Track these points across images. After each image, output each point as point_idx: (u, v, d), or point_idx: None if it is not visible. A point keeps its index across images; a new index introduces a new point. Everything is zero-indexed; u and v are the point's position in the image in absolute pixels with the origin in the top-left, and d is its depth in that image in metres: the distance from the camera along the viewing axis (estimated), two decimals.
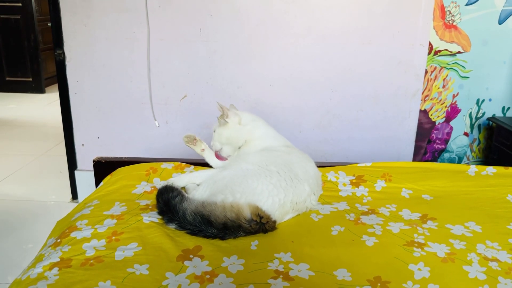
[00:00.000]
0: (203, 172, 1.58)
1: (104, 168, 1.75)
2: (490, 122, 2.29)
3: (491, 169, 1.66)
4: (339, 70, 2.18)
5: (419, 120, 2.27)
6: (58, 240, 1.20)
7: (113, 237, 1.19)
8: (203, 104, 2.26)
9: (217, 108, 1.54)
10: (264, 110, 2.20)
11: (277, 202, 1.26)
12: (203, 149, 1.63)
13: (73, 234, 1.21)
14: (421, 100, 2.24)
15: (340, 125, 2.27)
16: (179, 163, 1.73)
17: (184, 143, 1.63)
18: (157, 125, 2.29)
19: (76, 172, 2.40)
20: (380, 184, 1.61)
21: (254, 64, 2.19)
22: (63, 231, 1.27)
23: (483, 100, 2.24)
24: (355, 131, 2.27)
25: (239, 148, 1.56)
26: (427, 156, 2.35)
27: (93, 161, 1.79)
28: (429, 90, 2.24)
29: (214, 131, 1.56)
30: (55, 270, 1.05)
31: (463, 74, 2.20)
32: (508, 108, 2.26)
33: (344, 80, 2.20)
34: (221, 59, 2.19)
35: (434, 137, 2.32)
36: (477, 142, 2.32)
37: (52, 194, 2.49)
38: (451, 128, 2.29)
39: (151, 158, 1.89)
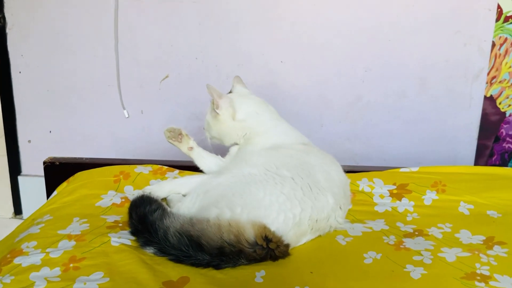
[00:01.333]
0: (191, 179, 1.59)
1: (58, 172, 1.76)
2: None
3: None
4: (374, 41, 2.19)
5: (483, 110, 2.27)
6: None
7: (71, 265, 1.20)
8: (191, 88, 2.26)
9: (207, 92, 1.56)
10: (273, 95, 2.17)
11: (291, 219, 1.27)
12: (191, 148, 1.63)
13: (17, 260, 1.22)
14: (487, 83, 2.24)
15: (376, 116, 2.27)
16: (159, 166, 1.74)
17: (166, 139, 1.64)
18: (127, 116, 2.31)
19: (20, 178, 2.42)
20: (430, 196, 1.61)
21: (260, 33, 2.20)
22: (3, 256, 1.28)
23: None
24: (395, 124, 2.28)
25: (237, 144, 1.59)
26: (494, 159, 2.35)
27: (44, 162, 1.79)
28: (497, 70, 2.24)
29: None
30: None
31: None
32: None
33: (382, 55, 2.20)
34: (215, 27, 2.19)
35: (504, 134, 2.32)
36: None
37: None
38: None
39: (122, 159, 1.91)
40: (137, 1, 2.18)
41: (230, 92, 1.68)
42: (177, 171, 1.73)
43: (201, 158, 1.63)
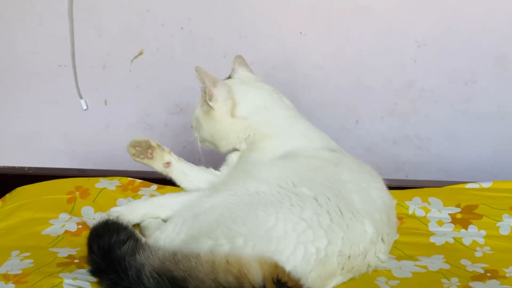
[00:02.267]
0: (175, 198, 1.61)
1: None
2: None
3: None
4: (432, 4, 2.20)
5: None
6: None
7: None
8: (174, 69, 2.29)
9: (196, 77, 1.57)
10: (288, 81, 2.22)
11: (314, 255, 1.27)
12: (168, 163, 1.67)
13: None
14: None
15: (433, 110, 2.29)
16: (130, 179, 1.77)
17: (131, 157, 1.66)
18: (85, 107, 2.34)
19: None
20: (508, 223, 1.62)
21: None
22: None
23: None
24: (462, 121, 2.30)
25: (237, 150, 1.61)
26: None
27: None
28: None
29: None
30: None
31: None
32: None
33: (443, 23, 2.21)
34: None
35: None
36: None
37: None
38: None
39: (78, 169, 1.97)
40: None
41: (229, 77, 1.70)
42: (155, 186, 1.76)
43: (183, 176, 1.66)
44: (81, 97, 2.34)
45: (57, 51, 2.31)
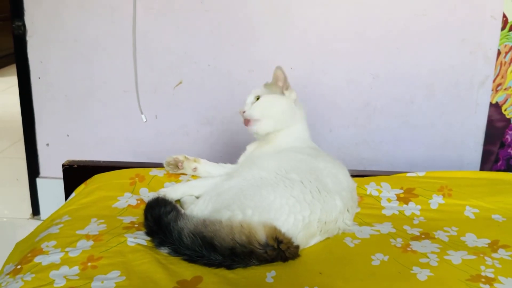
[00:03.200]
0: (203, 181, 1.61)
1: (76, 175, 1.78)
2: None
3: None
4: (383, 48, 2.20)
5: (489, 116, 2.26)
6: (19, 267, 1.23)
7: (89, 264, 1.21)
8: (203, 93, 2.29)
9: (275, 72, 1.63)
10: None
11: (301, 221, 1.28)
12: (195, 168, 1.70)
13: (37, 259, 1.23)
14: (492, 90, 2.24)
15: (384, 122, 2.28)
16: None
17: (168, 171, 1.71)
18: (145, 120, 2.34)
19: (38, 180, 2.45)
20: (436, 200, 1.62)
21: (272, 41, 2.22)
22: (24, 255, 1.30)
23: None
24: (403, 130, 2.29)
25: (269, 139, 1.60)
26: (499, 164, 2.34)
27: (63, 165, 1.82)
28: (502, 77, 2.23)
29: (256, 97, 1.60)
30: None
31: None
32: None
33: (390, 62, 2.21)
34: (227, 35, 2.22)
35: (509, 140, 2.31)
36: None
37: (5, 208, 2.54)
38: None
39: (137, 162, 1.93)
40: (152, 10, 2.21)
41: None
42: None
43: (207, 174, 1.68)
44: (142, 113, 2.33)
45: (124, 80, 2.31)
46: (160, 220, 1.27)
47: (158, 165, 1.79)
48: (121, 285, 1.14)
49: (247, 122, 1.59)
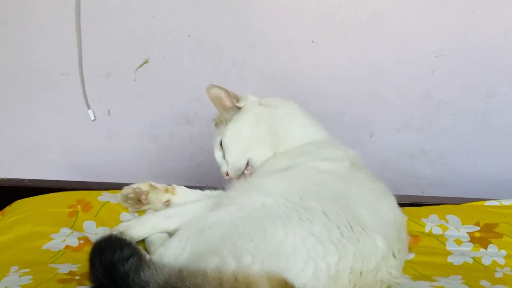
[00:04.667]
0: (180, 209, 1.62)
1: None
2: None
3: None
4: (450, 13, 2.20)
5: None
6: None
7: None
8: (180, 78, 2.31)
9: (210, 96, 1.66)
10: (298, 91, 2.23)
11: (325, 271, 1.25)
12: (168, 202, 1.71)
13: None
14: None
15: (451, 122, 2.29)
16: None
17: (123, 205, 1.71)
18: (93, 118, 2.36)
19: None
20: None
21: (281, 2, 2.23)
22: None
23: None
24: (480, 135, 2.30)
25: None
26: None
27: None
28: None
29: (221, 139, 1.65)
30: None
31: None
32: None
33: (461, 33, 2.21)
34: None
35: None
36: None
37: None
38: None
39: (80, 182, 1.96)
40: None
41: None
42: None
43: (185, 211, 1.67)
44: (88, 107, 2.35)
45: (58, 59, 2.33)
46: (114, 270, 1.24)
47: (112, 186, 1.79)
48: None
49: (244, 176, 1.64)
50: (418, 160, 2.33)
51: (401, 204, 1.53)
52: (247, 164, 1.63)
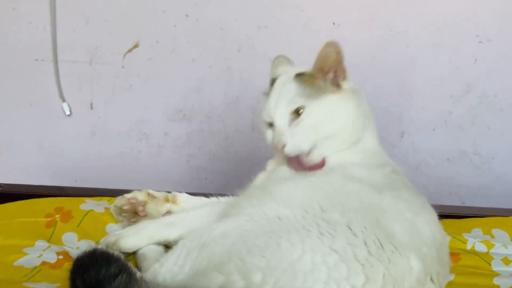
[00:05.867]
0: (182, 216, 1.64)
1: None
2: None
3: None
4: None
5: None
6: None
7: None
8: (176, 65, 2.32)
9: (325, 50, 1.61)
10: None
11: None
12: (169, 212, 1.71)
13: None
14: None
15: (498, 120, 2.29)
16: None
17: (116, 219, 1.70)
18: (68, 113, 2.37)
19: None
20: None
21: None
22: None
23: None
24: None
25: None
26: None
27: None
28: None
29: (295, 110, 1.59)
30: None
31: None
32: None
33: (510, 13, 2.21)
34: None
35: None
36: None
37: None
38: None
39: (58, 187, 1.98)
40: None
41: (273, 79, 1.71)
42: None
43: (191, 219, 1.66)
44: (63, 100, 2.36)
45: (34, 42, 2.34)
46: None
47: (96, 192, 1.80)
48: None
49: (295, 161, 1.60)
50: (458, 164, 2.33)
51: (441, 217, 1.51)
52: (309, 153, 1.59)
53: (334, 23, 2.27)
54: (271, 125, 1.62)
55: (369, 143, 1.67)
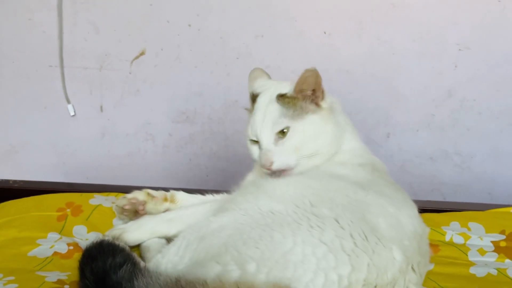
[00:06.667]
0: (181, 213, 1.70)
1: None
2: None
3: None
4: (476, 2, 2.27)
5: None
6: None
7: None
8: (180, 71, 2.40)
9: (305, 74, 1.62)
10: None
11: (336, 283, 1.28)
12: (168, 210, 1.76)
13: None
14: None
15: (477, 123, 2.35)
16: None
17: (120, 219, 1.74)
18: (72, 114, 2.46)
19: None
20: None
21: None
22: None
23: None
24: (508, 137, 2.36)
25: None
26: None
27: None
28: None
29: (284, 131, 1.64)
30: None
31: None
32: None
33: (487, 23, 2.27)
34: None
35: None
36: None
37: None
38: None
39: (69, 183, 2.05)
40: None
41: (253, 94, 1.74)
42: None
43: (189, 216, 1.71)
44: (68, 102, 2.42)
45: (47, 49, 2.39)
46: (106, 279, 1.27)
47: (105, 188, 1.86)
48: None
49: (279, 173, 1.64)
50: (440, 163, 2.39)
51: (420, 211, 1.54)
52: (293, 167, 1.64)
53: (325, 32, 2.34)
54: (255, 141, 1.68)
55: (349, 145, 1.72)
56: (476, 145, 2.40)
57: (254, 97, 1.73)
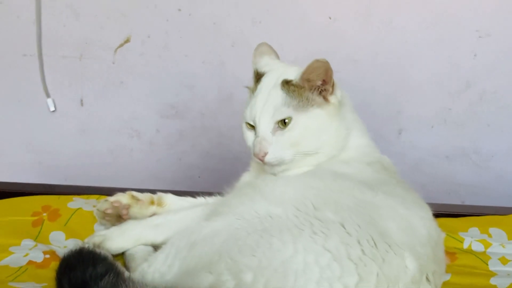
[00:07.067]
0: (170, 218, 1.62)
1: None
2: None
3: None
4: None
5: None
6: None
7: None
8: (168, 61, 2.31)
9: (315, 64, 1.55)
10: None
11: None
12: (154, 214, 1.70)
13: None
14: None
15: (498, 117, 2.28)
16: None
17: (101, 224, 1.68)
18: (52, 109, 2.36)
19: None
20: None
21: None
22: None
23: None
24: None
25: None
26: None
27: None
28: None
29: (280, 121, 1.58)
30: None
31: None
32: None
33: (511, 7, 2.19)
34: None
35: None
36: None
37: None
38: None
39: (45, 185, 1.92)
40: None
41: (258, 73, 1.69)
42: None
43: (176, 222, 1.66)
44: (48, 96, 2.35)
45: (22, 36, 2.33)
46: None
47: (84, 191, 1.78)
48: None
49: (268, 165, 1.61)
50: (457, 162, 2.32)
51: (435, 215, 1.50)
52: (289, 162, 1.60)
53: (330, 18, 2.26)
54: (252, 126, 1.63)
55: (356, 142, 1.67)
56: (497, 142, 2.32)
57: (258, 76, 1.68)
